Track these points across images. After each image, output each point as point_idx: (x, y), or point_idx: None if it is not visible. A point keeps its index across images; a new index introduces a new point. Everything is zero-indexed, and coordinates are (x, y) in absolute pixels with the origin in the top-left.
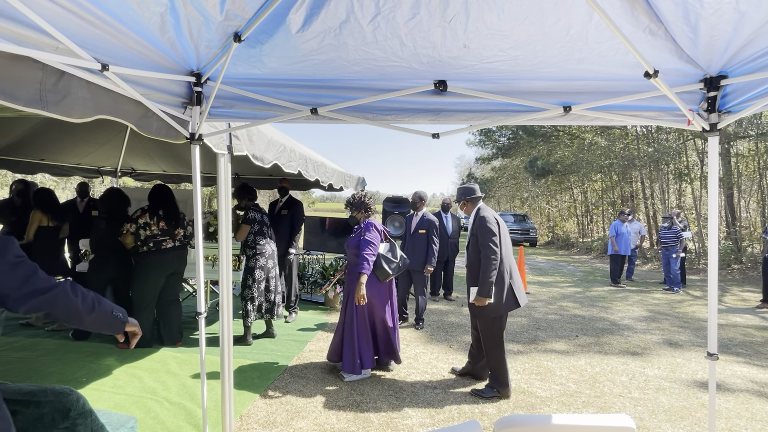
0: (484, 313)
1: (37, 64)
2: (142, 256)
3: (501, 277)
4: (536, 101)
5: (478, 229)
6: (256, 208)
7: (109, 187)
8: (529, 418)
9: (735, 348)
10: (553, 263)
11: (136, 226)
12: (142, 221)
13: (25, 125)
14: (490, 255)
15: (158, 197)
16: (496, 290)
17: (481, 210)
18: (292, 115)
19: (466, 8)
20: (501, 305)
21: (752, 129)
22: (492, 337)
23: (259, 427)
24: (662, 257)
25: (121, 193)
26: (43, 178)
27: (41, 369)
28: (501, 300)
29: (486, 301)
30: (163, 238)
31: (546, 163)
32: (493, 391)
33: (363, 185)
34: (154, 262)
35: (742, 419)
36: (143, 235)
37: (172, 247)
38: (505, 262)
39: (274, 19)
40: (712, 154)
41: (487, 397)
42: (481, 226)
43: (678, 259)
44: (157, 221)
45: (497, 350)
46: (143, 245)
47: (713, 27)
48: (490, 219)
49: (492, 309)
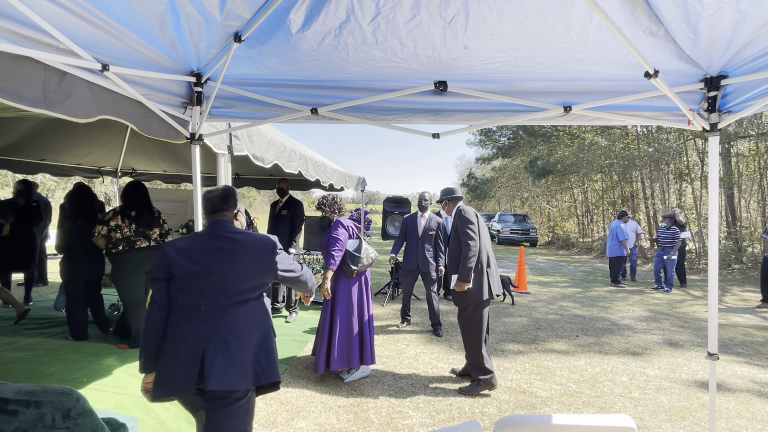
0: (465, 300)
1: (39, 64)
2: (115, 256)
3: (480, 264)
4: (536, 101)
5: (458, 221)
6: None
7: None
8: (529, 418)
9: (735, 348)
10: (554, 263)
11: (107, 229)
12: (113, 224)
13: (25, 125)
14: (469, 241)
15: (131, 197)
16: (476, 276)
17: (461, 208)
18: (292, 115)
19: (466, 9)
20: (481, 291)
21: (753, 129)
22: (472, 327)
23: (259, 427)
24: (656, 256)
25: (88, 190)
26: (44, 178)
27: (42, 369)
28: (481, 286)
29: (465, 286)
30: (136, 238)
31: (546, 163)
32: (479, 386)
33: (363, 185)
34: (128, 260)
35: (742, 419)
36: (114, 237)
37: (147, 246)
38: (483, 251)
39: (275, 20)
40: (712, 153)
41: (475, 393)
42: (461, 218)
43: (673, 261)
44: (129, 223)
45: (476, 340)
46: (114, 247)
47: (713, 27)
48: (469, 212)
49: (472, 295)
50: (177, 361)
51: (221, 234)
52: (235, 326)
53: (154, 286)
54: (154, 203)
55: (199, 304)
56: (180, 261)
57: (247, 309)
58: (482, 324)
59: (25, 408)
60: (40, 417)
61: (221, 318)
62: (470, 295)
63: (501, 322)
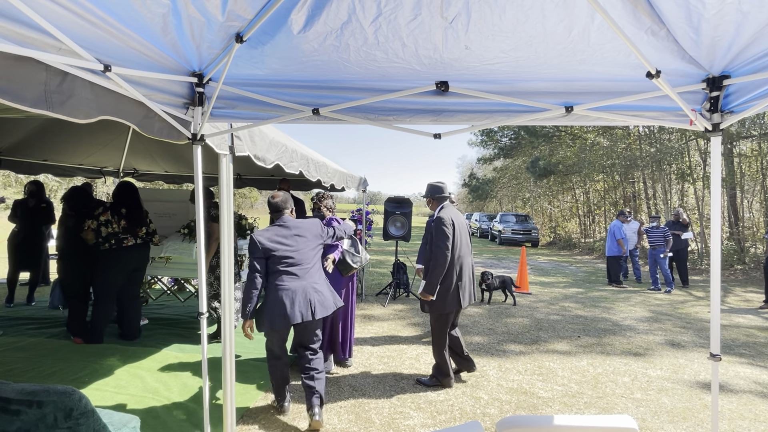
0: (429, 308)
1: (41, 65)
2: (103, 253)
3: (449, 277)
4: (538, 101)
5: (434, 229)
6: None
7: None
8: (530, 418)
9: (738, 349)
10: (555, 264)
11: (97, 223)
12: (103, 218)
13: (28, 126)
14: (439, 256)
15: (122, 195)
16: (442, 289)
17: (441, 210)
18: (293, 115)
19: (468, 9)
20: (445, 304)
21: (755, 129)
22: (437, 330)
23: (260, 427)
24: (649, 257)
25: (83, 191)
26: (46, 179)
27: (44, 369)
28: (445, 300)
29: (429, 297)
30: (124, 236)
31: (548, 163)
32: (433, 380)
33: (365, 185)
34: (115, 258)
35: (745, 420)
36: (104, 232)
37: (134, 244)
38: (456, 263)
39: (276, 20)
40: (714, 154)
41: (429, 385)
42: (437, 227)
43: (666, 259)
44: (118, 219)
45: (439, 343)
46: (104, 242)
47: (715, 27)
48: (446, 221)
49: (436, 305)
50: (284, 307)
51: (291, 225)
52: (316, 280)
53: (255, 262)
54: (156, 203)
55: (293, 270)
56: (276, 245)
57: (317, 268)
58: (445, 329)
59: (28, 408)
60: (42, 417)
61: (307, 277)
62: (435, 306)
63: (503, 322)
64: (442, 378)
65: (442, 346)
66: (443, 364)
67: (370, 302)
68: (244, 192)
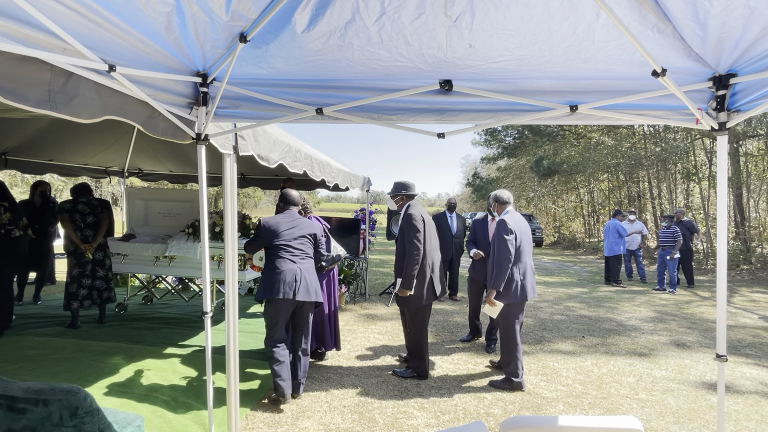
0: (407, 304)
1: (46, 65)
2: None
3: (423, 271)
4: (542, 100)
5: (405, 225)
6: None
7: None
8: (535, 419)
9: (744, 349)
10: (559, 263)
11: None
12: None
13: (33, 126)
14: (413, 251)
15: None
16: (418, 283)
17: (410, 207)
18: (297, 115)
19: (472, 8)
20: (422, 296)
21: (762, 128)
22: (416, 324)
23: (264, 427)
24: (658, 257)
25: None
26: (51, 178)
27: (49, 367)
28: (422, 292)
29: (407, 292)
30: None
31: (552, 162)
32: (410, 373)
33: (368, 185)
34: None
35: (751, 421)
36: None
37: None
38: (428, 257)
39: (280, 20)
40: (721, 153)
41: (406, 377)
42: (408, 223)
43: (675, 261)
44: (3, 211)
45: (418, 335)
46: None
47: (723, 24)
48: (416, 217)
49: (413, 299)
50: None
51: (293, 218)
52: (308, 266)
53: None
54: (161, 203)
55: (293, 252)
56: (281, 229)
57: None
58: (424, 323)
59: (34, 406)
60: (48, 415)
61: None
62: (412, 300)
63: None
64: (416, 368)
65: (420, 338)
66: (421, 354)
67: (374, 302)
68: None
